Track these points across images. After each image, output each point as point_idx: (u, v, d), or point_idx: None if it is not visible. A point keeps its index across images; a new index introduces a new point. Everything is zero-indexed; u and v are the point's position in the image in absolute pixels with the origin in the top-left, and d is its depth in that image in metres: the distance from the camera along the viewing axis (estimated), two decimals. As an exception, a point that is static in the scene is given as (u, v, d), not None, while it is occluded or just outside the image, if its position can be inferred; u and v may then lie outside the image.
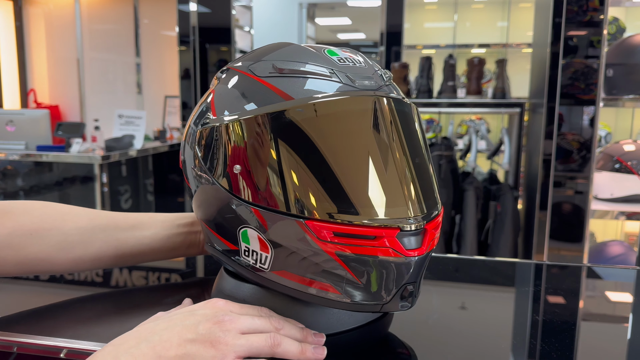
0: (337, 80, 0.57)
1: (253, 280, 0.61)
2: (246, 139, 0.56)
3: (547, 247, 2.21)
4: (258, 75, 0.59)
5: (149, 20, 4.95)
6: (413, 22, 4.54)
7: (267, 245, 0.57)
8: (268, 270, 0.58)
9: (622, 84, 2.23)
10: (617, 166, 2.22)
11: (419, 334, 0.70)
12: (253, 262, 0.59)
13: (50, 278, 0.91)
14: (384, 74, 0.61)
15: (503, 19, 4.54)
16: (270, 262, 0.58)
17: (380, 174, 0.56)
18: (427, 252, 0.58)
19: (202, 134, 0.60)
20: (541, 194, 2.21)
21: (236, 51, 3.58)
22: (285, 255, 0.57)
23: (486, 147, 3.27)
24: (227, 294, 0.65)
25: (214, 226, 0.63)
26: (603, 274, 1.03)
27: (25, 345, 0.64)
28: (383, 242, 0.54)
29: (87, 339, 0.64)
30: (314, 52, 0.60)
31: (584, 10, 2.05)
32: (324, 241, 0.54)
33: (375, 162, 0.56)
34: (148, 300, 0.82)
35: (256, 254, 0.59)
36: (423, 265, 0.58)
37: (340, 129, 0.55)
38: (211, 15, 3.46)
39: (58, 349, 0.63)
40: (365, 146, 0.56)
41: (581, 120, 2.10)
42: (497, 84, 2.98)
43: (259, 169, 0.55)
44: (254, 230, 0.57)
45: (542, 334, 0.70)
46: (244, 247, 0.59)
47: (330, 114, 0.55)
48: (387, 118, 0.58)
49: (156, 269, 0.96)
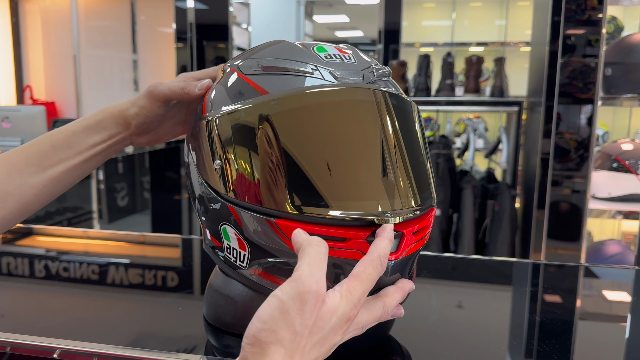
0: (318, 77, 0.57)
1: (235, 278, 0.61)
2: (221, 136, 0.57)
3: (544, 246, 2.21)
4: (244, 72, 0.59)
5: (146, 17, 4.93)
6: (411, 20, 4.53)
7: (244, 243, 0.57)
8: (246, 268, 0.59)
9: (621, 83, 2.23)
10: (615, 165, 2.22)
11: (415, 333, 0.69)
12: (233, 259, 0.60)
13: (45, 276, 0.90)
14: (376, 70, 0.60)
15: (501, 17, 4.54)
16: (247, 260, 0.58)
17: (349, 165, 0.54)
18: (404, 256, 0.55)
19: (193, 131, 0.62)
20: (539, 192, 2.21)
21: (233, 48, 3.57)
22: (260, 254, 0.57)
23: (484, 145, 3.27)
24: (215, 288, 0.67)
25: (204, 222, 0.63)
26: (601, 274, 1.03)
27: (18, 345, 0.64)
28: (352, 244, 0.52)
29: (80, 339, 0.64)
30: (301, 49, 0.60)
31: (582, 9, 2.05)
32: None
33: (343, 154, 0.54)
34: (143, 299, 0.81)
35: (235, 252, 0.59)
36: (403, 269, 0.56)
37: (305, 121, 0.55)
38: (209, 12, 3.44)
39: (51, 349, 0.62)
40: (330, 139, 0.55)
41: (579, 119, 2.10)
42: (496, 82, 2.98)
43: (231, 164, 0.56)
44: (231, 228, 0.58)
45: (540, 333, 0.70)
46: (226, 244, 0.60)
47: (296, 108, 0.55)
48: (362, 110, 0.56)
49: (152, 266, 0.95)
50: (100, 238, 1.26)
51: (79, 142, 0.65)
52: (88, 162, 0.66)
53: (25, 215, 0.64)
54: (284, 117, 0.54)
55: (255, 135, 0.54)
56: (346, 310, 0.46)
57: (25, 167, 0.62)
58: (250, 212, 0.55)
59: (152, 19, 4.93)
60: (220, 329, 0.66)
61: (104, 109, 0.67)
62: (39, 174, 0.63)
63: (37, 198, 0.63)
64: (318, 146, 0.54)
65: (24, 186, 0.62)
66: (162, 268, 0.94)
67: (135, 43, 4.97)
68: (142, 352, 0.61)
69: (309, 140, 0.54)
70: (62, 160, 0.64)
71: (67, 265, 0.96)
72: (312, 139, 0.54)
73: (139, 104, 0.66)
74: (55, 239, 1.22)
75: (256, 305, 0.58)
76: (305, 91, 0.55)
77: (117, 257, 1.04)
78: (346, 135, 0.55)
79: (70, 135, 0.65)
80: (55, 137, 0.65)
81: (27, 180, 0.62)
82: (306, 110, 0.55)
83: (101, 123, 0.66)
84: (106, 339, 0.65)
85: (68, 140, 0.65)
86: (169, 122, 0.71)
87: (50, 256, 1.02)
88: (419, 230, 0.57)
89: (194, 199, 0.64)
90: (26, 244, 1.14)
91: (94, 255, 1.09)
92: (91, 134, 0.65)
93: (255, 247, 0.57)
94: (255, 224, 0.55)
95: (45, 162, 0.63)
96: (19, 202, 0.62)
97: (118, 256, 1.06)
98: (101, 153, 0.66)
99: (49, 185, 0.63)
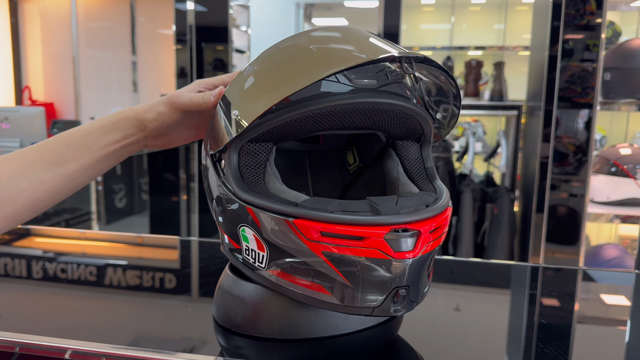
0: (333, 80, 0.58)
1: (254, 279, 0.62)
2: (234, 92, 0.59)
3: (543, 250, 2.21)
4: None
5: (145, 18, 4.93)
6: (410, 23, 4.54)
7: (262, 244, 0.58)
8: (265, 269, 0.59)
9: (619, 88, 2.23)
10: (614, 170, 2.23)
11: (414, 336, 0.69)
12: (252, 260, 0.60)
13: (52, 278, 0.90)
14: (389, 73, 0.61)
15: (500, 21, 4.55)
16: (266, 261, 0.59)
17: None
18: (422, 255, 0.55)
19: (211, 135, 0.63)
20: (538, 196, 2.21)
21: (233, 50, 3.57)
22: (279, 255, 0.57)
23: (482, 149, 3.27)
24: (225, 290, 0.67)
25: (222, 225, 0.64)
26: (599, 278, 1.03)
27: (28, 345, 0.63)
28: (370, 242, 0.53)
29: (89, 340, 0.64)
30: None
31: (582, 14, 2.05)
32: (312, 240, 0.54)
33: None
34: (151, 301, 0.81)
35: (254, 253, 0.60)
36: (419, 269, 0.57)
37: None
38: (208, 14, 3.44)
39: (62, 350, 0.62)
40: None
41: (578, 124, 2.11)
42: (495, 86, 2.98)
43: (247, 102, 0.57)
44: (250, 229, 0.58)
45: (538, 337, 0.70)
46: (244, 246, 0.61)
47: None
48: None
49: (160, 269, 0.95)
50: (99, 239, 1.26)
51: (94, 141, 0.66)
52: (102, 162, 0.67)
53: (36, 212, 0.64)
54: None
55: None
56: None
57: (39, 164, 0.63)
58: (267, 212, 0.56)
59: (151, 21, 4.92)
60: (231, 330, 0.66)
61: (120, 111, 0.68)
62: (52, 171, 0.63)
63: (49, 195, 0.64)
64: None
65: (36, 182, 0.62)
66: (172, 271, 0.94)
67: (135, 44, 4.97)
68: (154, 354, 0.61)
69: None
70: (76, 158, 0.65)
71: (65, 266, 0.96)
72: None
73: (157, 110, 0.68)
74: (54, 240, 1.21)
75: (266, 306, 0.58)
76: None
77: (115, 259, 1.04)
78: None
79: (85, 134, 0.66)
80: (70, 136, 0.66)
81: (40, 176, 0.63)
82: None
83: (116, 124, 0.67)
84: (117, 340, 0.65)
85: (83, 140, 0.66)
86: (182, 127, 0.72)
87: (47, 257, 1.02)
88: (435, 229, 0.57)
89: (212, 200, 0.65)
90: (24, 245, 1.14)
91: (91, 256, 1.08)
92: (105, 134, 0.66)
93: (274, 248, 0.57)
94: (273, 224, 0.56)
95: (59, 160, 0.64)
96: (31, 198, 0.62)
97: (117, 257, 1.06)
98: (115, 153, 0.67)
99: (61, 183, 0.64)
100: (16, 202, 0.61)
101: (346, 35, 0.59)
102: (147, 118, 0.68)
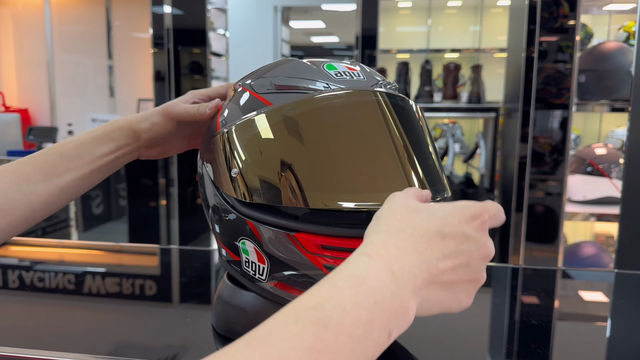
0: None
1: (254, 290, 0.62)
2: (238, 143, 0.58)
3: (523, 249, 2.24)
4: (257, 91, 0.61)
5: (121, 22, 4.87)
6: (387, 26, 4.57)
7: (263, 257, 0.59)
8: (265, 281, 0.60)
9: (594, 90, 2.28)
10: (590, 169, 2.27)
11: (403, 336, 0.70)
12: (252, 272, 0.61)
13: (29, 287, 0.88)
14: (384, 85, 0.62)
15: (475, 23, 4.61)
16: (267, 273, 0.59)
17: (365, 161, 0.56)
18: None
19: (208, 147, 0.64)
20: (517, 196, 2.24)
21: (210, 54, 3.55)
22: (280, 267, 0.58)
23: (460, 150, 3.31)
24: (224, 299, 0.67)
25: (219, 236, 0.65)
26: (578, 276, 1.05)
27: (3, 357, 0.62)
28: None
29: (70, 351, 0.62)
30: (312, 68, 0.62)
31: (555, 16, 2.09)
32: (312, 253, 0.55)
33: (358, 151, 0.57)
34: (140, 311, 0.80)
35: (255, 265, 0.60)
36: None
37: (318, 127, 0.57)
38: (185, 18, 3.42)
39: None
40: (344, 138, 0.57)
41: (554, 124, 2.14)
42: (473, 89, 3.02)
43: (249, 169, 0.57)
44: (250, 242, 0.59)
45: (520, 336, 0.71)
46: (244, 258, 0.61)
47: (306, 112, 0.57)
48: (371, 110, 0.59)
49: (149, 276, 0.94)
50: (78, 247, 1.23)
51: (88, 152, 0.66)
52: (96, 173, 0.67)
53: (31, 223, 0.64)
54: (300, 119, 0.57)
55: (274, 137, 0.56)
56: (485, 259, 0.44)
57: (33, 176, 0.63)
58: (268, 226, 0.57)
59: (127, 24, 4.87)
60: (231, 339, 0.65)
61: (114, 121, 0.68)
62: (46, 183, 0.63)
63: (44, 206, 0.64)
64: (335, 148, 0.57)
65: (31, 194, 0.62)
66: (143, 277, 0.93)
67: (111, 48, 4.90)
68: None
69: (324, 139, 0.57)
70: (70, 169, 0.65)
71: (42, 275, 0.94)
72: (327, 138, 0.57)
73: (152, 120, 0.68)
74: (32, 248, 1.19)
75: (268, 315, 0.58)
76: (317, 96, 0.58)
77: (94, 266, 1.02)
78: (359, 134, 0.57)
79: (79, 145, 0.66)
80: (64, 147, 0.66)
81: (35, 188, 0.62)
82: (320, 112, 0.57)
83: (110, 134, 0.67)
84: (108, 351, 0.64)
85: (76, 150, 0.65)
86: (176, 137, 0.73)
87: (23, 266, 1.00)
88: None
89: (208, 208, 0.65)
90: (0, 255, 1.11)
91: (70, 264, 1.06)
92: (99, 144, 0.66)
93: (274, 260, 0.58)
94: (274, 238, 0.56)
95: (54, 171, 0.64)
96: (26, 210, 0.62)
97: (96, 265, 1.04)
98: (109, 164, 0.67)
99: (56, 194, 0.64)
100: (11, 214, 0.61)
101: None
102: (141, 128, 0.68)
